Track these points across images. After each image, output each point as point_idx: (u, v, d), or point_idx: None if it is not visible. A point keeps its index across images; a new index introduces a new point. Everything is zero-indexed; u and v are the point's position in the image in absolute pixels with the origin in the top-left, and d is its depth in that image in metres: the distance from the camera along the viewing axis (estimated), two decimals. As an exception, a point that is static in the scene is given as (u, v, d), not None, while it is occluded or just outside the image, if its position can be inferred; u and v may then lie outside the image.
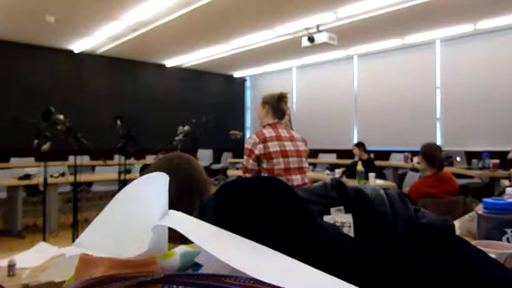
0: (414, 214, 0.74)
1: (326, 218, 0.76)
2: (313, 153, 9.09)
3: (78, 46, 7.91)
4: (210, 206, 0.55)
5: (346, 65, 9.09)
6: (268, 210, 0.53)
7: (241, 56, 8.59)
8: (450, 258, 0.70)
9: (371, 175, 5.12)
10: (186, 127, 4.06)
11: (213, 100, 10.41)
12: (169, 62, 9.39)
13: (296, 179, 2.56)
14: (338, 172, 5.82)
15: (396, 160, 7.33)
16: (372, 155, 7.29)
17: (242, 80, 11.43)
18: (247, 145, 2.55)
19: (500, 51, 6.84)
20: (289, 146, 2.58)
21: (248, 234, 0.49)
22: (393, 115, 8.20)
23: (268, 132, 2.56)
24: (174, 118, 7.84)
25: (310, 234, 0.56)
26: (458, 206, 2.82)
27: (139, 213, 0.49)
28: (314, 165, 8.35)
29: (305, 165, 2.66)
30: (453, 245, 0.74)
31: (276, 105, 2.70)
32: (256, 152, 2.51)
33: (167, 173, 0.54)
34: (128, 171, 5.97)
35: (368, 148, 7.99)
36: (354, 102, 9.00)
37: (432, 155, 3.14)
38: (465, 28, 6.64)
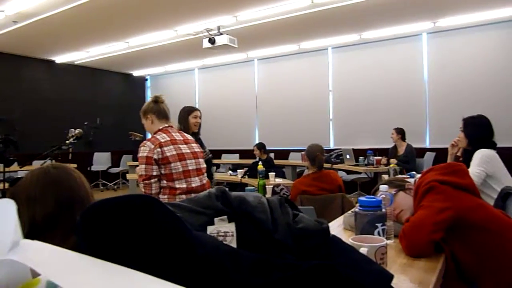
0: (293, 220, 0.78)
1: (210, 229, 0.76)
2: (217, 154, 9.15)
3: None
4: (78, 229, 0.52)
5: (247, 68, 9.32)
6: (138, 230, 0.52)
7: (140, 55, 8.26)
8: (325, 260, 0.76)
9: (271, 174, 5.35)
10: (78, 130, 3.77)
11: (111, 100, 9.84)
12: (60, 58, 8.62)
13: (194, 181, 2.55)
14: (240, 172, 5.95)
15: (294, 159, 7.73)
16: (271, 155, 7.59)
17: (142, 80, 11.01)
18: (142, 153, 2.45)
19: (382, 59, 7.64)
20: (184, 148, 2.55)
21: (118, 258, 0.47)
22: (291, 116, 8.64)
23: (162, 137, 2.50)
24: (66, 120, 7.25)
25: (184, 250, 0.55)
26: (336, 203, 3.05)
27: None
28: (217, 165, 8.39)
29: (203, 165, 2.66)
30: (328, 246, 0.80)
31: (156, 108, 2.64)
32: (155, 157, 2.43)
33: (44, 187, 0.49)
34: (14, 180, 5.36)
35: (269, 147, 8.30)
36: (255, 103, 9.27)
37: (313, 155, 3.37)
38: (352, 37, 7.27)
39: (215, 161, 8.14)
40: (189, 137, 2.76)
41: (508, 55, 6.54)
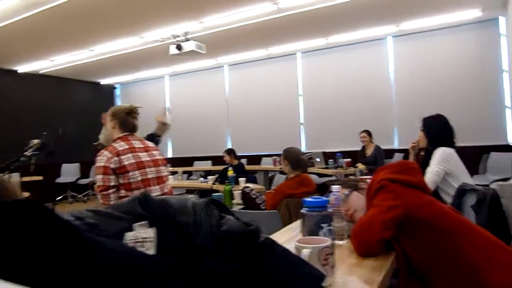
0: (217, 222, 0.75)
1: (128, 235, 0.72)
2: (189, 161, 9.05)
3: None
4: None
5: (217, 74, 9.28)
6: (19, 238, 0.47)
7: (107, 63, 8.10)
8: (251, 263, 0.73)
9: (241, 180, 5.31)
10: (36, 141, 3.63)
11: (78, 110, 9.57)
12: (22, 68, 8.35)
13: (155, 190, 2.48)
14: (210, 179, 5.88)
15: (266, 164, 7.72)
16: (243, 161, 7.56)
17: (111, 88, 10.79)
18: (99, 163, 2.37)
19: (349, 63, 7.76)
20: (144, 156, 2.49)
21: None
22: (263, 121, 8.64)
23: (120, 146, 2.43)
24: (30, 131, 6.99)
25: (77, 257, 0.51)
26: None
27: None
28: (190, 173, 8.29)
29: (164, 173, 2.60)
30: (258, 249, 0.77)
31: (125, 118, 2.58)
32: (112, 166, 2.36)
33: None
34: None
35: (242, 153, 8.27)
36: (226, 109, 9.23)
37: (298, 159, 3.37)
38: (319, 41, 7.36)
39: (187, 168, 8.06)
40: (151, 144, 2.69)
41: (469, 57, 6.76)
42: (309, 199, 1.20)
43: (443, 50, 6.96)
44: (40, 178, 6.11)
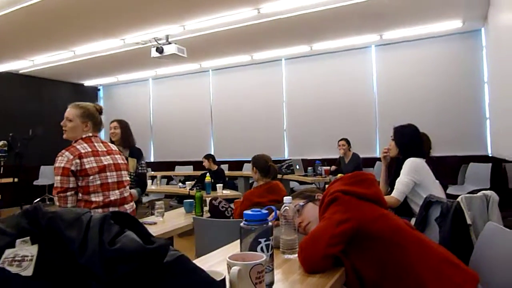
0: (113, 238, 0.68)
1: (7, 252, 0.64)
2: (170, 166, 8.93)
3: None
4: None
5: (201, 78, 9.21)
6: None
7: (89, 64, 7.96)
8: (146, 285, 0.66)
9: (219, 186, 5.23)
10: (1, 142, 3.50)
11: (61, 111, 9.34)
12: (1, 67, 8.16)
13: (113, 194, 2.39)
14: (188, 184, 5.79)
15: (248, 170, 7.63)
16: (225, 166, 7.48)
17: (95, 89, 10.64)
18: (59, 164, 2.28)
19: (333, 71, 7.75)
20: (106, 160, 2.41)
21: None
22: (246, 127, 8.58)
23: (83, 148, 2.35)
24: (4, 132, 6.84)
25: None
26: None
27: None
28: (170, 178, 8.17)
29: (125, 178, 2.51)
30: (162, 269, 0.70)
31: (98, 118, 2.54)
32: (73, 168, 2.27)
33: None
34: None
35: (224, 159, 8.20)
36: (210, 114, 9.15)
37: (267, 166, 3.29)
38: (303, 48, 7.34)
39: (166, 173, 7.94)
40: (114, 147, 2.60)
41: (452, 67, 6.80)
42: (248, 211, 1.13)
43: (426, 60, 7.00)
44: (11, 180, 5.92)
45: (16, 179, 6.10)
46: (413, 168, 2.67)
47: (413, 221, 2.44)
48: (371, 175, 1.54)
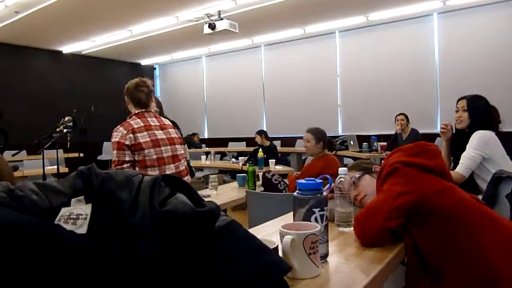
0: (163, 201, 0.66)
1: (63, 211, 0.66)
2: (224, 142, 9.08)
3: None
4: None
5: (254, 54, 9.15)
6: None
7: (145, 44, 8.20)
8: (194, 249, 0.64)
9: (271, 161, 5.23)
10: (67, 118, 3.72)
11: (119, 90, 9.78)
12: (67, 49, 8.64)
13: (169, 168, 2.46)
14: (241, 159, 5.85)
15: (300, 147, 7.55)
16: (277, 142, 7.46)
17: (151, 68, 10.97)
18: (114, 139, 2.37)
19: (390, 42, 7.34)
20: (160, 134, 2.46)
21: None
22: (299, 103, 8.45)
23: (136, 123, 2.41)
24: (69, 110, 7.28)
25: None
26: None
27: None
28: (223, 153, 8.32)
29: (180, 152, 2.56)
30: (212, 234, 0.68)
31: (134, 93, 2.54)
32: (127, 142, 2.35)
33: None
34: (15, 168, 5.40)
35: (276, 135, 8.17)
36: (262, 90, 9.12)
37: (327, 138, 3.35)
38: (359, 19, 7.00)
39: (219, 149, 8.08)
40: (167, 122, 2.66)
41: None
42: (302, 180, 1.09)
43: (492, 27, 6.40)
44: (77, 155, 6.33)
45: (81, 154, 6.53)
46: (482, 141, 2.47)
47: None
48: (434, 146, 1.43)
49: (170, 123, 2.64)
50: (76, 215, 0.64)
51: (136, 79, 2.58)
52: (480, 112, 2.64)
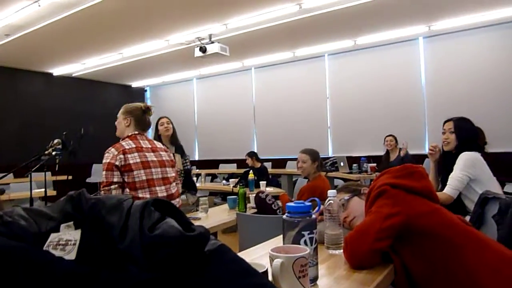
0: (152, 225, 0.67)
1: (52, 236, 0.66)
2: (214, 164, 9.06)
3: None
4: None
5: (244, 76, 9.25)
6: None
7: (136, 66, 8.26)
8: (184, 272, 0.64)
9: (262, 183, 5.22)
10: (56, 140, 3.70)
11: (110, 111, 9.77)
12: (57, 71, 8.66)
13: (160, 190, 2.45)
14: (232, 181, 5.83)
15: (291, 168, 7.58)
16: (268, 164, 7.46)
17: (142, 90, 11.01)
18: (106, 160, 2.38)
19: (378, 65, 7.51)
20: (151, 156, 2.46)
21: None
22: (289, 125, 8.52)
23: (127, 144, 2.43)
24: (60, 132, 7.23)
25: None
26: None
27: None
28: (214, 175, 8.29)
29: (171, 174, 2.56)
30: (203, 257, 0.68)
31: (141, 116, 2.60)
32: (117, 163, 2.35)
33: None
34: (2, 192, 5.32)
35: (267, 156, 8.19)
36: (253, 112, 9.18)
37: (320, 159, 3.37)
38: (347, 43, 7.16)
39: (210, 171, 8.06)
40: (159, 145, 2.67)
41: (505, 56, 6.36)
42: (291, 203, 1.10)
43: (475, 50, 6.59)
44: (65, 177, 6.26)
45: (70, 177, 6.44)
46: (469, 163, 2.51)
47: (467, 219, 2.30)
48: (421, 168, 1.46)
49: (162, 146, 2.65)
50: (65, 241, 0.64)
51: (140, 103, 2.64)
52: (467, 134, 2.70)
